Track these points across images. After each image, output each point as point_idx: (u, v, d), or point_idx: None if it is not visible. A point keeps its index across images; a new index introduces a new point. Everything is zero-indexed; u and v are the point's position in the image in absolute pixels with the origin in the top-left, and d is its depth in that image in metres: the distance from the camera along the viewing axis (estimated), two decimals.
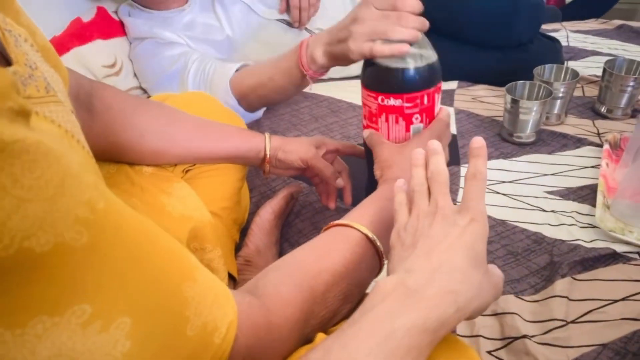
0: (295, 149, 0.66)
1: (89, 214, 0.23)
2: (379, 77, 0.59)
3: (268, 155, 0.66)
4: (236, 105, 0.91)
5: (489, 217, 0.76)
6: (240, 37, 1.11)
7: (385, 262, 0.46)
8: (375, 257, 0.45)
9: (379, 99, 0.59)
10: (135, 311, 0.26)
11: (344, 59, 0.65)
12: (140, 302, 0.26)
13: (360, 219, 0.46)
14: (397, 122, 0.60)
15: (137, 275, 0.26)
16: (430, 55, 0.59)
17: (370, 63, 0.60)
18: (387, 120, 0.60)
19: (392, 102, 0.58)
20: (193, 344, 0.29)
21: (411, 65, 0.57)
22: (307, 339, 0.40)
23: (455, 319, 0.34)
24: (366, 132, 0.62)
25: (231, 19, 1.08)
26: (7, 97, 0.21)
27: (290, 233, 0.77)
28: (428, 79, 0.58)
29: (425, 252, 0.36)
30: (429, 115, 0.60)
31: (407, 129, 0.60)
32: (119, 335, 0.25)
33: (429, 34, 0.81)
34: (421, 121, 0.60)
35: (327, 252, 0.43)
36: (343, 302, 0.42)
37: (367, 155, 0.66)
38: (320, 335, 0.39)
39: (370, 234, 0.44)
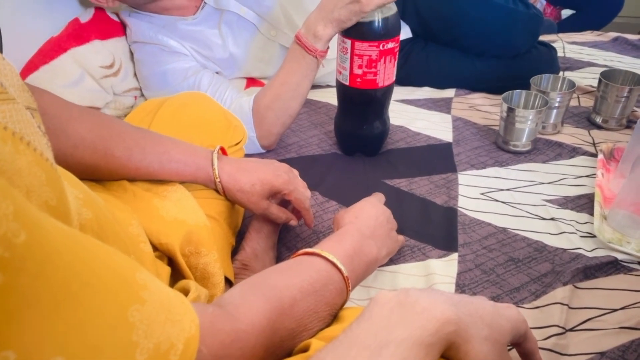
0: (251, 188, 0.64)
1: (4, 252, 0.21)
2: (380, 28, 0.78)
3: (222, 191, 0.63)
4: (254, 137, 0.92)
5: (490, 224, 0.76)
6: (244, 56, 1.10)
7: (351, 287, 0.49)
8: (341, 281, 0.47)
9: (381, 45, 0.78)
10: (69, 349, 0.23)
11: (347, 20, 0.77)
12: (75, 338, 0.24)
13: (324, 248, 0.49)
14: (390, 61, 0.81)
15: (69, 310, 0.24)
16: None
17: (367, 21, 0.77)
18: (384, 62, 0.80)
19: (390, 45, 0.79)
20: None
21: (396, 13, 0.79)
22: (300, 349, 0.40)
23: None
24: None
25: (237, 38, 1.08)
26: None
27: (288, 237, 0.76)
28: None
29: None
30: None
31: (394, 65, 0.83)
32: None
33: (427, 41, 1.06)
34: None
35: (294, 272, 0.46)
36: (313, 318, 0.43)
37: (341, 101, 0.90)
38: (315, 345, 0.38)
39: (333, 259, 0.47)
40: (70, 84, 0.91)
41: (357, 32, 0.78)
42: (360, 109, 0.88)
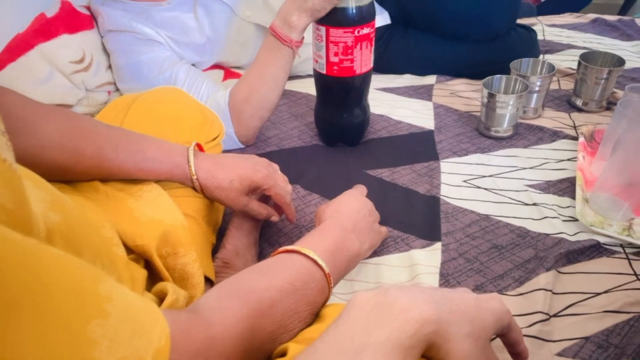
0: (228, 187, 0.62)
1: None
2: (355, 14, 0.76)
3: (199, 188, 0.61)
4: (232, 133, 0.90)
5: (473, 212, 0.75)
6: (220, 39, 1.08)
7: (333, 283, 0.48)
8: (323, 278, 0.46)
9: (356, 31, 0.77)
10: None
11: (321, 9, 0.76)
12: (30, 358, 0.22)
13: (305, 244, 0.48)
14: (367, 47, 0.80)
15: (23, 329, 0.22)
16: None
17: (341, 7, 0.76)
18: (360, 48, 0.79)
19: (365, 30, 0.78)
20: None
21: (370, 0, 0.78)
22: (278, 353, 0.39)
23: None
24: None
25: (213, 20, 1.05)
26: None
27: (270, 233, 0.75)
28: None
29: None
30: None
31: (370, 51, 0.81)
32: None
33: (407, 28, 1.03)
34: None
35: (273, 271, 0.44)
36: (294, 318, 0.42)
37: (319, 90, 0.89)
38: (292, 350, 0.37)
39: (314, 256, 0.46)
40: (39, 82, 0.88)
41: (332, 18, 0.76)
42: (339, 97, 0.87)
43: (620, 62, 0.98)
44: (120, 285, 0.29)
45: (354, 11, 0.76)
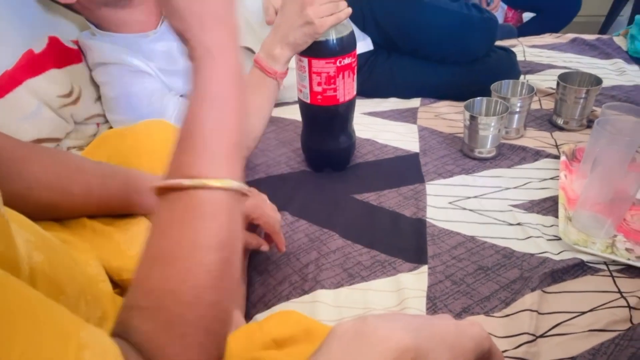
0: None
1: None
2: (335, 45, 0.78)
3: None
4: None
5: (459, 234, 0.76)
6: None
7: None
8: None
9: (337, 61, 0.79)
10: None
11: (303, 43, 0.78)
12: None
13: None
14: (349, 76, 0.82)
15: None
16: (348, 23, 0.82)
17: (323, 39, 0.78)
18: (343, 77, 0.81)
19: (347, 60, 0.79)
20: None
21: (350, 28, 0.80)
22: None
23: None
24: None
25: None
26: None
27: (258, 261, 0.75)
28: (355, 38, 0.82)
29: None
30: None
31: (353, 80, 0.83)
32: None
33: (390, 52, 1.03)
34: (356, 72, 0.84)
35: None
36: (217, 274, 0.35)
37: (304, 118, 0.91)
38: None
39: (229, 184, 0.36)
40: (27, 116, 0.89)
41: (313, 50, 0.79)
42: (324, 125, 0.88)
43: (598, 81, 1.00)
44: (100, 332, 0.30)
45: (335, 42, 0.78)
